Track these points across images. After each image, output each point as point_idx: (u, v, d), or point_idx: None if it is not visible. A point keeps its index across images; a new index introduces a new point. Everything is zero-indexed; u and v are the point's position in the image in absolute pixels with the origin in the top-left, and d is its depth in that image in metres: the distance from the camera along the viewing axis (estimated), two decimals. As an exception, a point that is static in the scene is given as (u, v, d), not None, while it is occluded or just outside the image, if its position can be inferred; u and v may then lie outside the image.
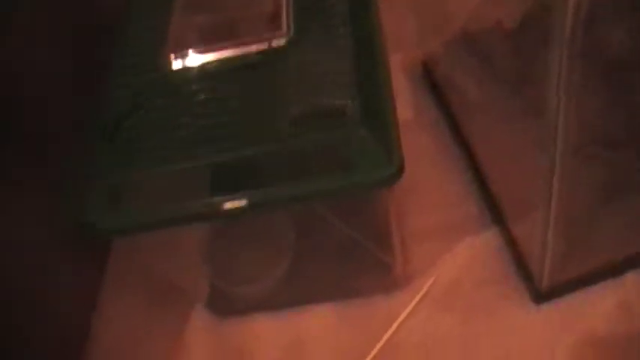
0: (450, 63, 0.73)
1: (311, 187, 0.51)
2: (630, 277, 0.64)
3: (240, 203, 0.52)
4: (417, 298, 0.66)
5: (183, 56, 0.58)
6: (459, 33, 0.70)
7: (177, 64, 0.58)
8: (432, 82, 0.78)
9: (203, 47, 0.58)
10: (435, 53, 0.77)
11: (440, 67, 0.76)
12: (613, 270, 0.64)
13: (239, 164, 0.52)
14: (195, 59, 0.57)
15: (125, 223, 0.55)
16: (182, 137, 0.54)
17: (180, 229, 0.59)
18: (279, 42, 0.57)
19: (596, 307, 0.63)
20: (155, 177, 0.54)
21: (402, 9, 0.79)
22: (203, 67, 0.57)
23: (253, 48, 0.57)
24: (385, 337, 0.64)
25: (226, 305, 0.68)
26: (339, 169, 0.51)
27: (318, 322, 0.66)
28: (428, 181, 0.72)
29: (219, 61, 0.57)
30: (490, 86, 0.65)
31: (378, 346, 0.64)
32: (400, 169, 0.50)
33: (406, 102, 0.78)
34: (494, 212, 0.68)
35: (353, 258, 0.67)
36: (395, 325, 0.65)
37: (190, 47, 0.58)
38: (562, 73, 0.45)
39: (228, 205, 0.52)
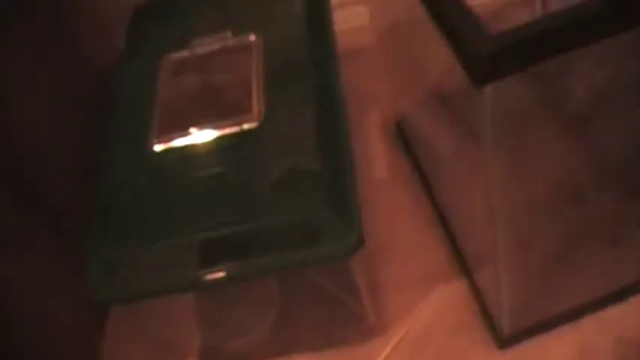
0: (419, 122, 0.79)
1: (280, 261, 0.57)
2: (588, 321, 0.69)
3: (219, 275, 0.58)
4: (391, 346, 0.71)
5: (166, 139, 0.64)
6: (428, 94, 0.76)
7: (160, 147, 0.64)
8: (405, 140, 0.84)
9: (183, 131, 0.64)
10: (406, 113, 0.83)
11: (411, 126, 0.82)
12: (572, 315, 0.69)
13: (218, 240, 0.59)
14: (176, 141, 0.64)
15: (119, 294, 0.61)
16: (166, 215, 0.61)
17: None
18: (251, 125, 0.63)
19: (557, 351, 0.68)
20: (144, 252, 0.60)
21: (377, 70, 0.85)
22: (183, 149, 0.64)
23: (227, 131, 0.63)
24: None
25: (217, 359, 0.74)
26: (306, 243, 0.57)
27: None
28: (403, 235, 0.78)
29: (198, 144, 0.63)
30: (452, 146, 0.71)
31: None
32: (359, 242, 0.56)
33: (382, 160, 0.84)
34: (461, 264, 0.74)
35: (332, 310, 0.73)
36: (371, 372, 0.70)
37: (171, 131, 0.65)
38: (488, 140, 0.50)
39: (208, 278, 0.58)
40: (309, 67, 0.67)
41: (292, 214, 0.57)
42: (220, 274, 0.58)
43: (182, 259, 0.60)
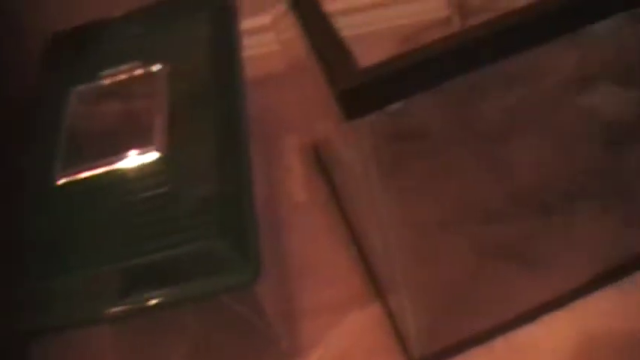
0: (334, 147, 0.80)
1: (177, 293, 0.57)
2: (499, 343, 0.70)
3: (118, 309, 0.58)
4: (305, 371, 0.72)
5: (71, 172, 0.64)
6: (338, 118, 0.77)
7: (65, 179, 0.64)
8: (323, 164, 0.85)
9: (88, 163, 0.64)
10: (323, 137, 0.83)
11: (327, 150, 0.83)
12: (482, 337, 0.70)
13: (124, 272, 0.58)
14: (81, 174, 0.64)
15: (37, 326, 0.61)
16: (72, 249, 0.60)
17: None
18: (154, 155, 0.63)
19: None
20: (51, 285, 0.60)
21: (295, 93, 0.85)
22: (88, 182, 0.63)
23: (132, 162, 0.63)
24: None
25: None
26: (208, 273, 0.57)
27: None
28: (319, 259, 0.78)
29: (102, 176, 0.63)
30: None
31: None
32: (256, 274, 0.56)
33: (300, 184, 0.84)
34: (375, 287, 0.74)
35: (246, 336, 0.73)
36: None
37: (77, 164, 0.64)
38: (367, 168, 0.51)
39: (108, 311, 0.58)
40: (213, 95, 0.67)
41: (189, 245, 0.57)
42: (117, 309, 0.58)
43: (92, 291, 0.59)
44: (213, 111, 0.66)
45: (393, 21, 0.98)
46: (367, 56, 0.92)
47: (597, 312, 0.69)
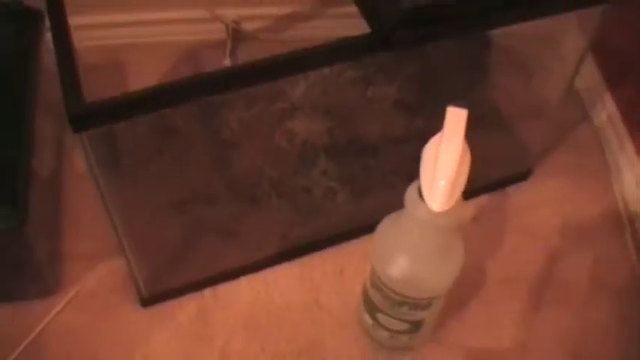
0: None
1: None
2: (208, 292, 0.97)
3: None
4: (65, 301, 0.95)
5: None
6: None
7: None
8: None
9: None
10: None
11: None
12: (196, 286, 0.97)
13: None
14: None
15: None
16: None
17: None
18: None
19: (181, 311, 0.95)
20: None
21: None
22: None
23: None
24: (37, 329, 0.93)
25: None
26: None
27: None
28: (88, 218, 1.01)
29: None
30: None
31: (31, 336, 0.92)
32: (21, 221, 0.79)
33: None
34: (120, 244, 0.97)
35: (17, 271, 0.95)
36: (45, 321, 0.94)
37: None
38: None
39: None
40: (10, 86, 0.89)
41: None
42: None
43: None
44: (7, 98, 0.87)
45: (176, 36, 1.21)
46: (140, 66, 1.16)
47: (275, 281, 0.98)
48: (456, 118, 0.67)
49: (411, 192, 0.69)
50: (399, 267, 0.75)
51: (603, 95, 1.17)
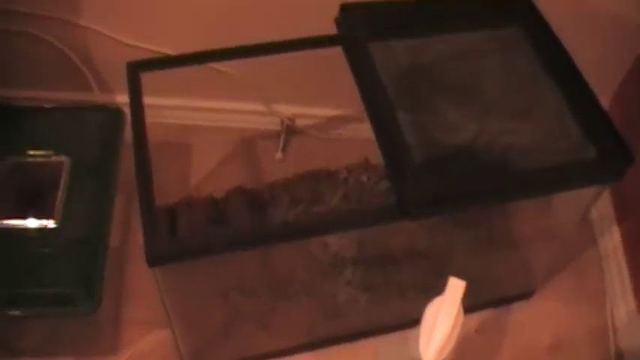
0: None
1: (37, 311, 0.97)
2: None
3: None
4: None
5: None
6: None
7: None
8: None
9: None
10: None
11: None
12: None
13: None
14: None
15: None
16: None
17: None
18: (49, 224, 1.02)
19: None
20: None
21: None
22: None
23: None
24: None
25: None
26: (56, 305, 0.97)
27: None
28: (144, 288, 1.18)
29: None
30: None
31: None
32: (95, 307, 0.96)
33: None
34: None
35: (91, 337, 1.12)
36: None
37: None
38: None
39: None
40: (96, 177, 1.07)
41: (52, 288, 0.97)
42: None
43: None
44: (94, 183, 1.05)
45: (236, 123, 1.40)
46: (203, 146, 1.32)
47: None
48: (455, 288, 0.82)
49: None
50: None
51: (611, 226, 1.29)
